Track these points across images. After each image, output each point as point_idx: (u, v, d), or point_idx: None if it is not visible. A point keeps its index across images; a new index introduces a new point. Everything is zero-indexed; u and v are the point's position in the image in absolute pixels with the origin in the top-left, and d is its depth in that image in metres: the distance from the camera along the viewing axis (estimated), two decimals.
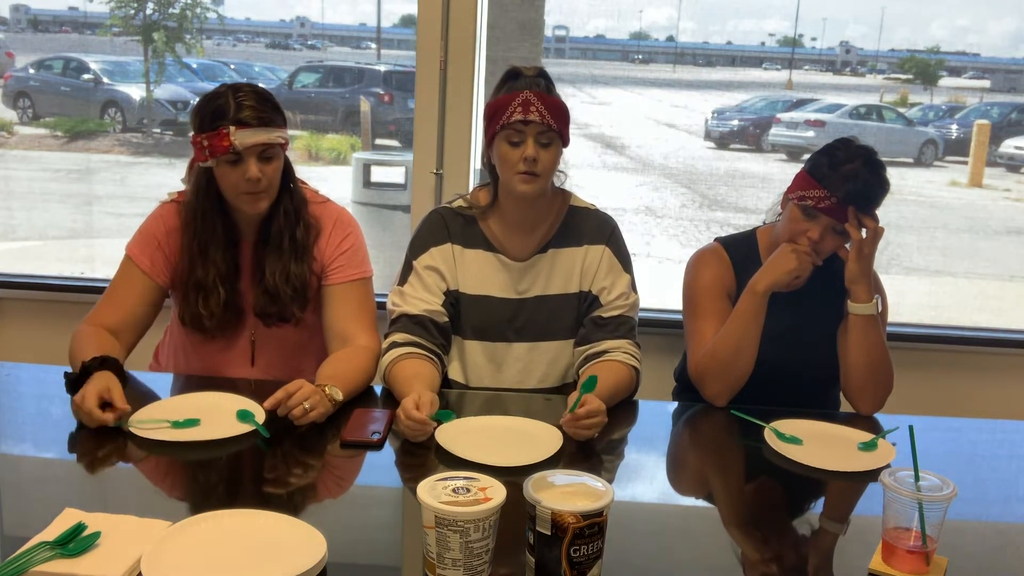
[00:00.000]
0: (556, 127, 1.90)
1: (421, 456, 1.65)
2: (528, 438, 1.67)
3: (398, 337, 1.95)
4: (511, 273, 2.03)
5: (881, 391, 2.01)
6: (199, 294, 1.95)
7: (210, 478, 1.60)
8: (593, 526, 1.18)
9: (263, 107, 1.87)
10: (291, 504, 1.46)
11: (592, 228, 2.07)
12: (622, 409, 1.93)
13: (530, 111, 1.87)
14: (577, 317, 2.05)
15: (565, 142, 1.95)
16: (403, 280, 2.02)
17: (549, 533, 1.18)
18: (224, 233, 1.96)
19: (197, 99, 1.91)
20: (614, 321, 2.01)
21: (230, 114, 1.83)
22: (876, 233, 1.96)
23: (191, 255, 1.95)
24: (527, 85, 1.91)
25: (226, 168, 1.86)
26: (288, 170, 1.97)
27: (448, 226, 2.04)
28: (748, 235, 2.18)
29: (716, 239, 2.20)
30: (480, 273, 2.02)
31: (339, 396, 1.76)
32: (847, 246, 1.98)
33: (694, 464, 1.87)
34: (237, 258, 1.99)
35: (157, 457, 1.61)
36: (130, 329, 1.95)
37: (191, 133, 1.90)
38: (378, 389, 1.96)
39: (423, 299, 1.98)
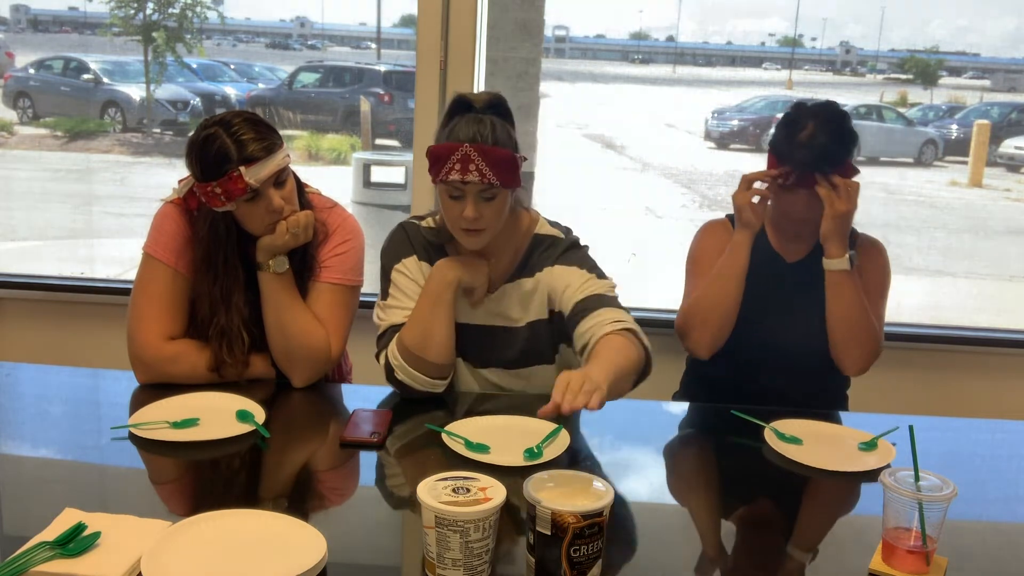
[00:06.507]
0: (499, 183, 1.75)
1: (421, 456, 1.65)
2: (530, 438, 1.66)
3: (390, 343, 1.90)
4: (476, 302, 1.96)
5: (864, 351, 2.05)
6: (222, 341, 1.89)
7: (210, 478, 1.59)
8: (593, 526, 1.18)
9: (261, 135, 1.80)
10: (291, 504, 1.45)
11: (550, 255, 1.94)
12: (622, 409, 1.93)
13: (468, 171, 1.73)
14: (551, 341, 1.97)
15: (516, 186, 1.83)
16: (384, 294, 1.98)
17: (549, 533, 1.18)
18: (245, 273, 1.90)
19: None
20: (584, 302, 1.86)
21: (234, 155, 1.76)
22: (848, 189, 1.96)
23: (211, 301, 1.89)
24: (468, 135, 1.75)
25: (247, 207, 1.82)
26: (296, 181, 1.93)
27: (412, 242, 1.97)
28: None
29: (727, 215, 2.22)
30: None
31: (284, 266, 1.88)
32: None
33: (694, 464, 1.87)
34: (256, 295, 1.92)
35: (157, 457, 1.61)
36: (184, 327, 1.93)
37: (194, 182, 1.83)
38: (378, 390, 1.96)
39: (408, 308, 1.92)
